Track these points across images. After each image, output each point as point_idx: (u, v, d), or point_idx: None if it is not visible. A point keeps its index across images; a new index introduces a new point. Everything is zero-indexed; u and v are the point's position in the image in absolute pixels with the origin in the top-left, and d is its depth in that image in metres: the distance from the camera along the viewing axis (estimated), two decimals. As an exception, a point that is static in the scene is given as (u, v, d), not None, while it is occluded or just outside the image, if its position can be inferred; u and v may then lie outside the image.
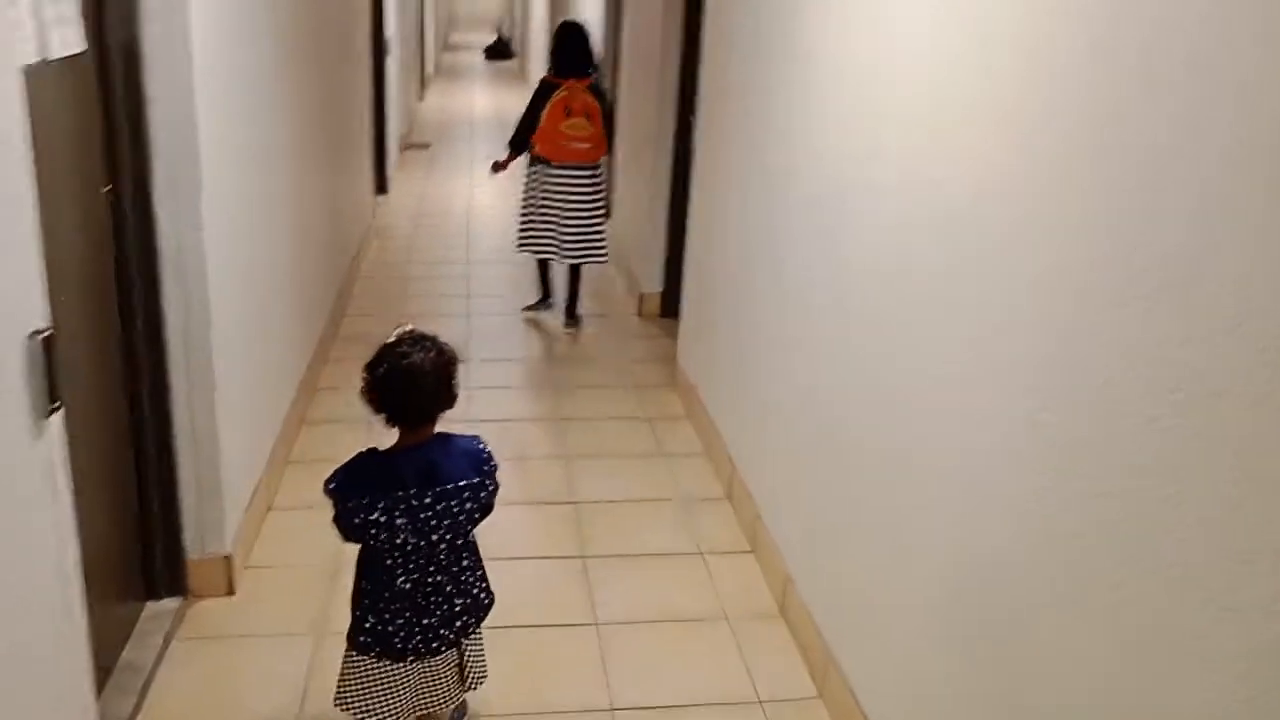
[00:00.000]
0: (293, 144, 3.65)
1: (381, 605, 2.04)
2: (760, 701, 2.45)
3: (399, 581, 2.03)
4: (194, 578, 2.66)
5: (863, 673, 2.28)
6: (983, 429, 1.76)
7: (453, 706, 2.26)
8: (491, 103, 13.43)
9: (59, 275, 2.11)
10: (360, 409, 2.10)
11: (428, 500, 1.98)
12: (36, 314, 1.46)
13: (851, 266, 2.37)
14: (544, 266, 5.18)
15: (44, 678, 1.52)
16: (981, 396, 1.76)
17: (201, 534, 2.63)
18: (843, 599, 2.41)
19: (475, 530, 2.14)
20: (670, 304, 5.16)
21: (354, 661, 2.08)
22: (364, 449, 2.08)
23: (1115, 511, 1.40)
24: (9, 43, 1.43)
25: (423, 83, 13.66)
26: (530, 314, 5.18)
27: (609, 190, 5.59)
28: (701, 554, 3.04)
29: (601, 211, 4.97)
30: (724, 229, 3.56)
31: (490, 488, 2.09)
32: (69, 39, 2.09)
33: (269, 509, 3.14)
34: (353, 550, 2.09)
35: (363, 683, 2.08)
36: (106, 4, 2.23)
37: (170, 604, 2.62)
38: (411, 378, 2.01)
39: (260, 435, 3.12)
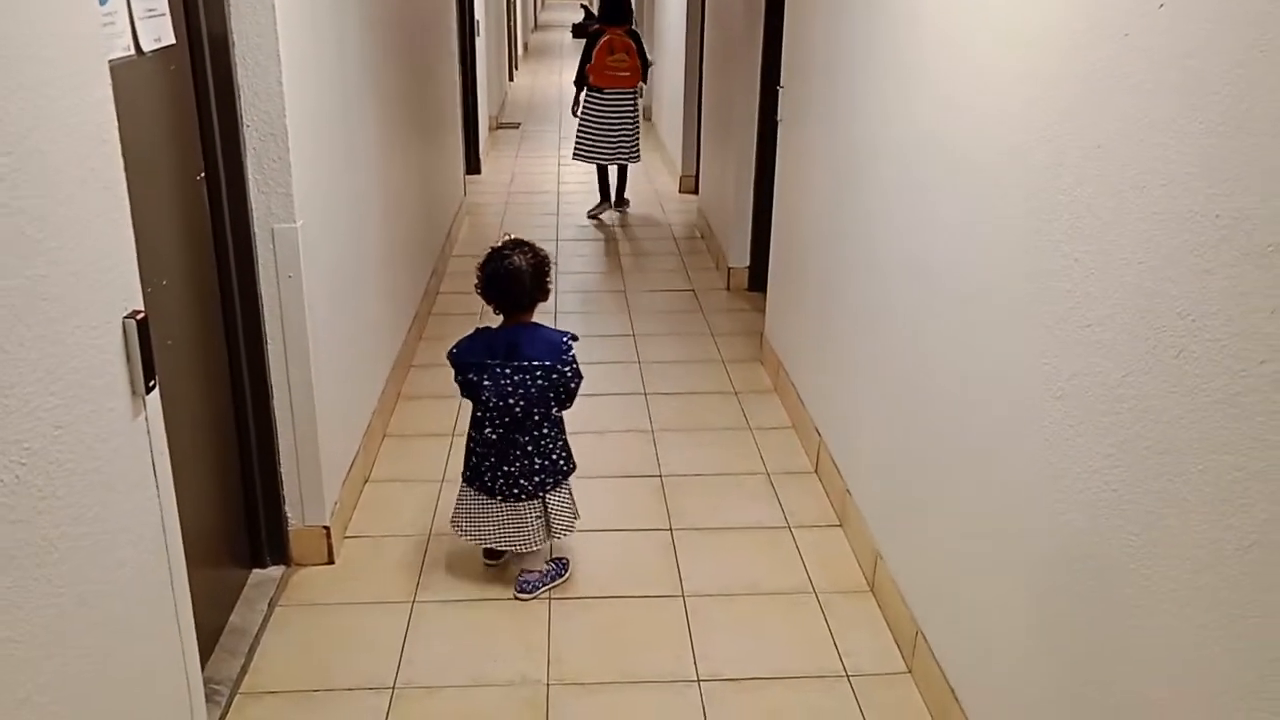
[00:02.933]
0: (383, 126, 3.72)
1: (478, 450, 2.65)
2: (848, 675, 2.43)
3: (486, 431, 2.62)
4: (296, 547, 2.77)
5: (952, 649, 2.23)
6: (1068, 404, 1.69)
7: (539, 546, 2.69)
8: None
9: (158, 260, 2.21)
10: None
11: (507, 371, 2.54)
12: (131, 296, 1.53)
13: (937, 242, 2.31)
14: (603, 173, 6.72)
15: (151, 643, 1.61)
16: (1066, 368, 1.69)
17: (302, 505, 2.74)
18: (932, 575, 2.36)
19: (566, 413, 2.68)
20: (757, 278, 5.12)
21: (462, 490, 2.71)
22: (481, 326, 2.68)
23: (1196, 490, 1.33)
24: (100, 37, 1.49)
25: (512, 62, 13.77)
26: (594, 218, 6.66)
27: (641, 110, 6.92)
28: (789, 527, 3.02)
29: (636, 124, 6.62)
30: (809, 205, 3.50)
31: (564, 372, 2.55)
32: (161, 32, 2.18)
33: (366, 480, 3.24)
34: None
35: (465, 508, 2.69)
36: (197, -4, 2.31)
37: (274, 571, 2.73)
38: (510, 275, 2.57)
39: (357, 410, 3.22)
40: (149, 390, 1.56)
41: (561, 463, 2.67)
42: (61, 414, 1.29)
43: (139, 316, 1.51)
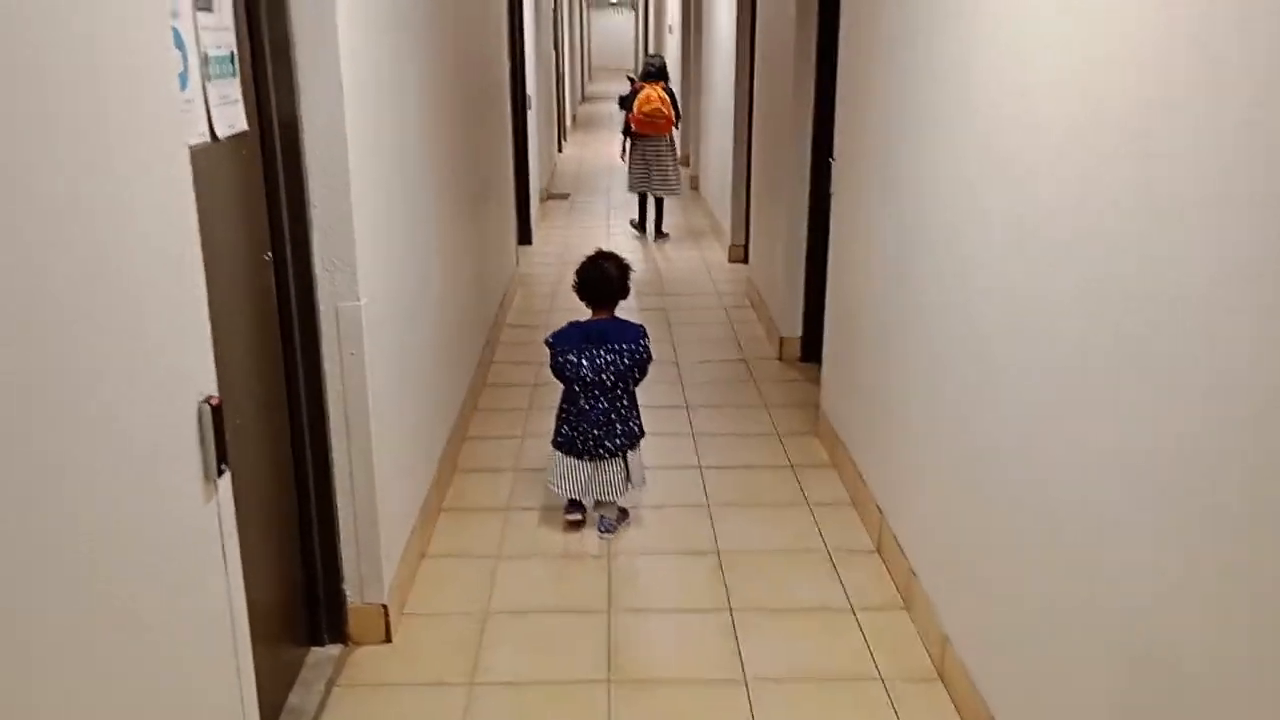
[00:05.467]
0: (442, 201, 3.79)
1: (570, 419, 3.32)
2: (919, 767, 2.33)
3: (580, 403, 3.29)
4: (354, 625, 2.74)
5: (1031, 741, 2.14)
6: (1137, 484, 1.63)
7: (621, 496, 3.39)
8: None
9: (225, 337, 2.24)
10: (508, 458, 3.54)
11: (600, 351, 3.27)
12: (207, 381, 1.55)
13: (997, 319, 2.27)
14: (642, 200, 8.43)
15: (214, 729, 1.59)
16: (1137, 446, 1.64)
17: (360, 582, 2.72)
18: (1005, 660, 2.27)
19: (638, 392, 3.41)
20: (810, 348, 5.09)
21: (555, 456, 3.37)
22: (573, 320, 3.42)
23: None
24: (180, 125, 1.52)
25: (561, 134, 14.05)
26: (635, 231, 8.54)
27: (676, 151, 8.50)
28: (853, 609, 2.94)
29: (673, 163, 8.24)
30: (865, 278, 3.48)
31: (640, 352, 3.30)
32: (234, 119, 2.24)
33: (423, 556, 3.22)
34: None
35: (559, 469, 3.34)
36: (268, 86, 2.37)
37: (332, 650, 2.71)
38: (603, 277, 3.39)
39: (414, 485, 3.22)
40: (220, 474, 1.56)
41: (637, 429, 3.37)
42: (134, 498, 1.29)
43: (214, 402, 1.52)
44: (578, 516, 3.40)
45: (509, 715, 2.52)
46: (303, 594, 2.67)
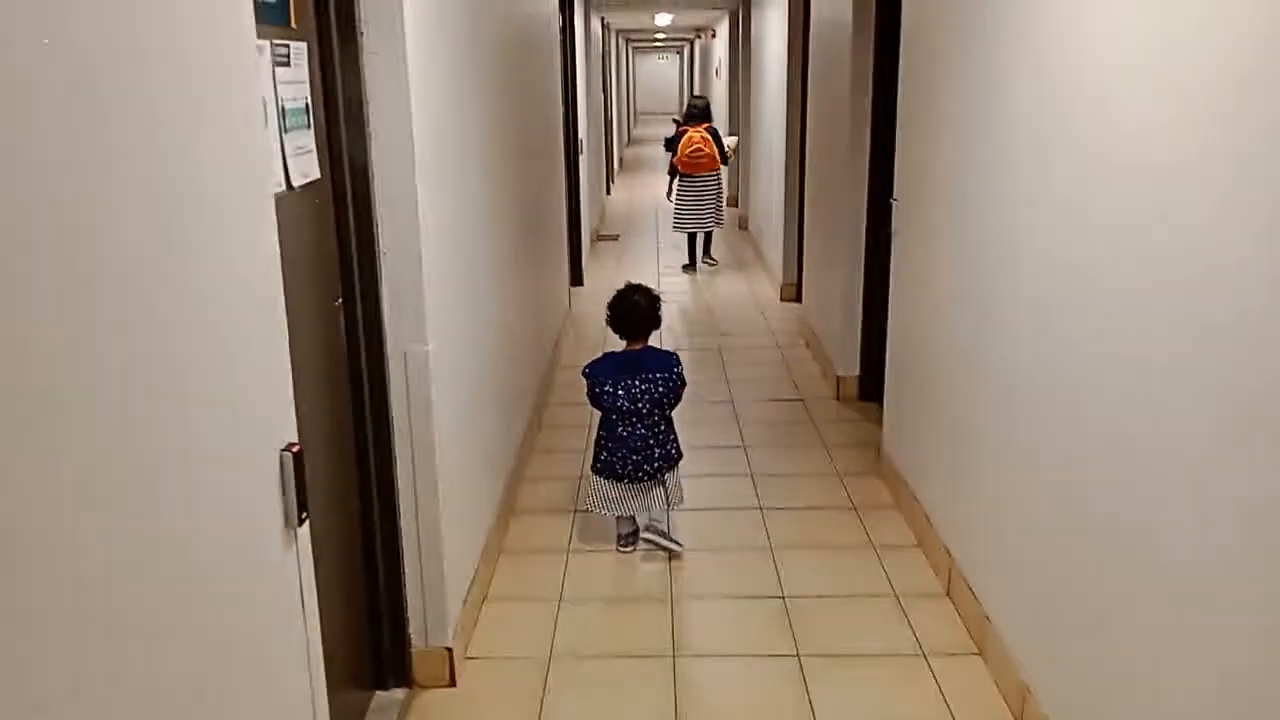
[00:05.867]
0: (503, 247, 3.83)
1: (609, 446, 3.42)
2: (1001, 823, 2.25)
3: (619, 431, 3.41)
4: (419, 669, 2.73)
5: (1121, 797, 2.05)
6: (1239, 523, 1.57)
7: (660, 516, 3.48)
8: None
9: (300, 384, 2.27)
10: (566, 500, 3.76)
11: (636, 381, 3.37)
12: (288, 428, 1.56)
13: (1074, 361, 2.22)
14: (691, 240, 8.67)
15: (292, 778, 1.58)
16: (1234, 488, 1.58)
17: (426, 626, 2.72)
18: (1093, 715, 2.19)
19: (674, 416, 3.55)
20: (869, 387, 5.03)
21: (594, 481, 3.48)
22: (607, 351, 3.58)
23: None
24: (264, 175, 1.55)
25: (610, 177, 14.18)
26: (686, 272, 8.61)
27: (723, 187, 8.77)
28: (924, 655, 2.87)
29: (719, 198, 8.53)
30: (932, 319, 3.44)
31: (674, 379, 3.41)
32: (308, 168, 2.28)
33: (485, 599, 3.21)
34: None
35: (600, 493, 3.46)
36: (340, 136, 2.42)
37: (397, 694, 2.70)
38: (633, 309, 3.47)
39: (476, 528, 3.22)
40: (301, 523, 1.56)
41: (674, 451, 3.47)
42: (216, 546, 1.30)
43: (295, 449, 1.53)
44: (628, 549, 3.53)
45: (576, 763, 2.49)
46: (368, 637, 2.67)
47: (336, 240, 2.48)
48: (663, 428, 3.43)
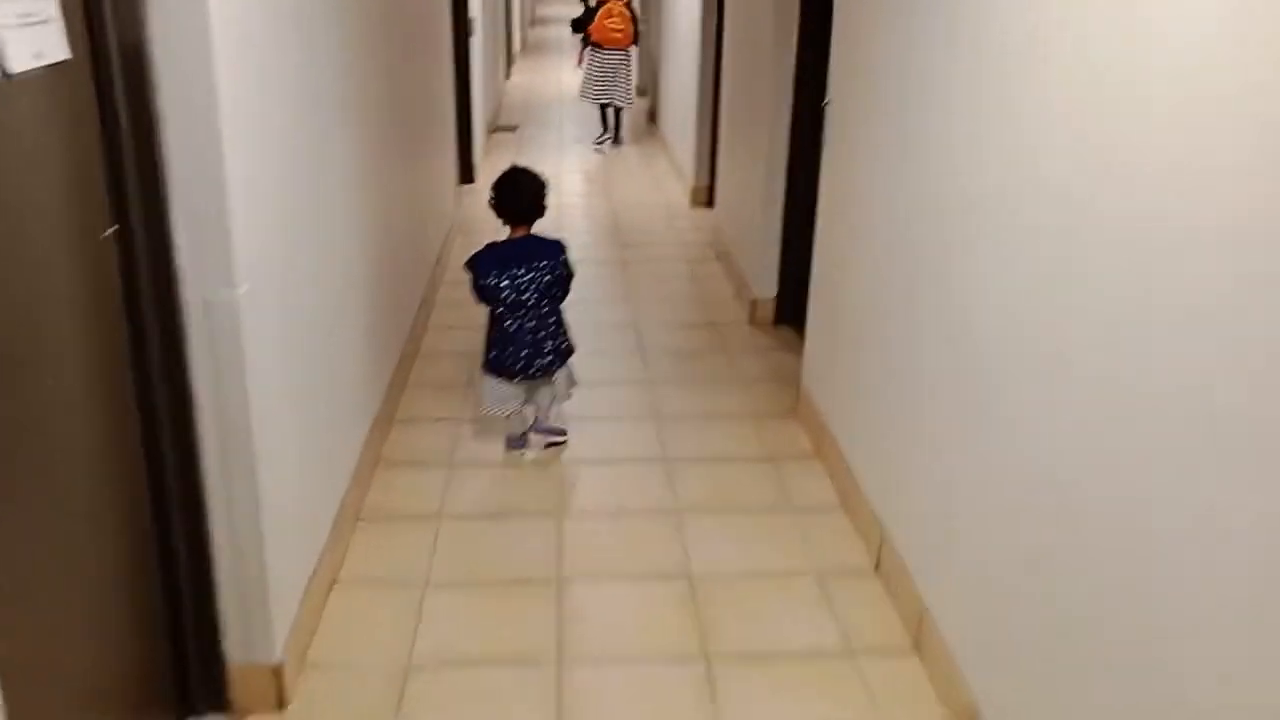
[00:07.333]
0: (365, 144, 3.16)
1: (499, 341, 3.26)
2: None
3: (507, 325, 3.23)
4: (238, 689, 2.20)
5: None
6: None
7: (552, 406, 3.43)
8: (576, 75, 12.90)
9: (50, 343, 1.65)
10: (441, 448, 3.44)
11: (522, 271, 3.19)
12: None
13: (1076, 292, 1.75)
14: (603, 110, 8.77)
15: None
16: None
17: (245, 639, 2.17)
18: (1060, 757, 1.81)
19: (573, 339, 3.39)
20: (787, 310, 4.57)
21: (485, 380, 3.33)
22: (490, 241, 3.28)
23: None
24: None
25: (509, 61, 13.19)
26: (598, 147, 8.75)
27: (634, 63, 8.88)
28: (853, 654, 2.46)
29: (630, 75, 8.63)
30: (867, 241, 2.94)
31: (561, 268, 3.26)
32: (43, 45, 1.61)
33: (333, 584, 2.67)
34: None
35: (494, 392, 3.31)
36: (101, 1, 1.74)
37: (210, 721, 2.17)
38: (519, 190, 3.26)
39: (323, 498, 2.65)
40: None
41: (564, 345, 3.33)
42: None
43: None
44: (520, 449, 3.43)
45: (434, 811, 2.02)
46: (170, 654, 2.12)
47: (103, 148, 1.82)
48: (553, 320, 3.29)
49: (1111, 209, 1.64)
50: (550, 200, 3.34)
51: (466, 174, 7.09)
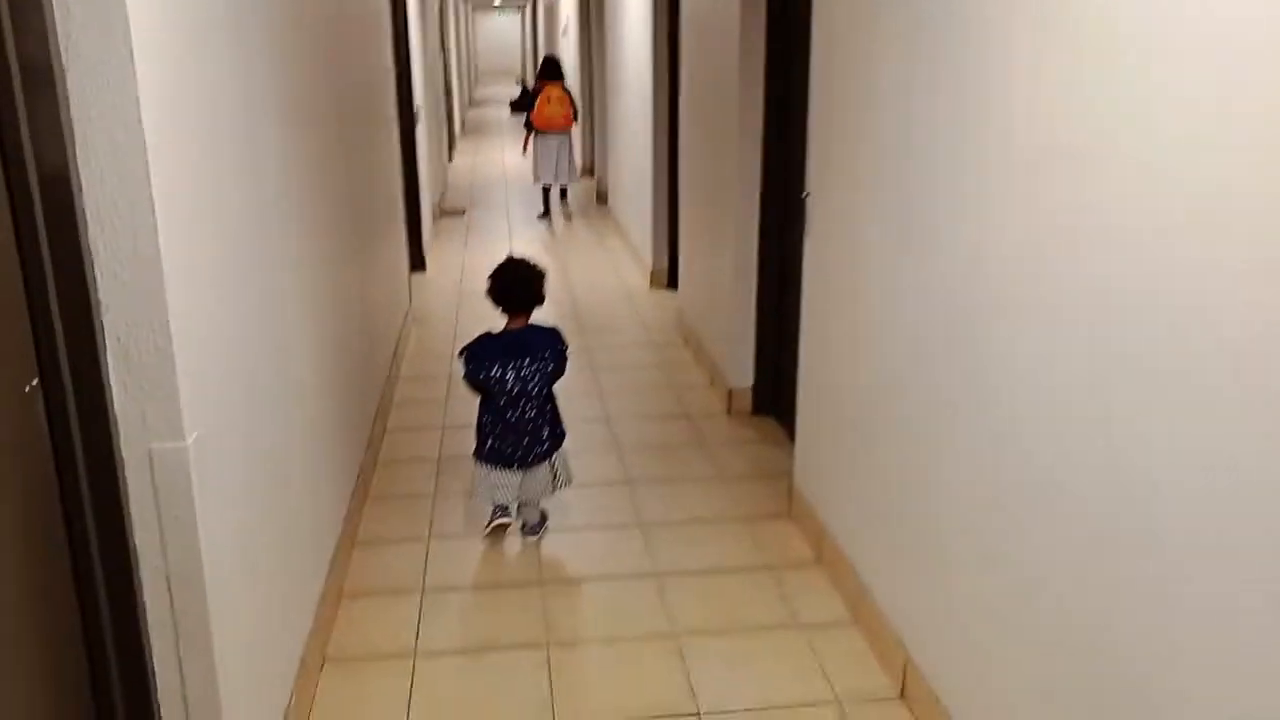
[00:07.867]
0: (314, 254, 2.92)
1: (499, 431, 3.20)
2: None
3: (508, 416, 3.18)
4: None
5: None
6: None
7: (548, 496, 3.34)
8: (522, 159, 12.85)
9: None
10: (410, 572, 3.15)
11: (526, 361, 3.15)
12: None
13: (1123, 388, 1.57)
14: (546, 193, 9.16)
15: None
16: None
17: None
18: None
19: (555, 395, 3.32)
20: (765, 400, 4.38)
21: (480, 469, 3.27)
22: (483, 332, 3.24)
23: None
24: None
25: (451, 144, 13.11)
26: (542, 222, 9.05)
27: (574, 144, 9.39)
28: (890, 805, 2.21)
29: (572, 155, 9.18)
30: (868, 340, 2.76)
31: (559, 358, 3.23)
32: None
33: (299, 748, 2.36)
34: None
35: (488, 482, 3.26)
36: (17, 124, 1.51)
37: None
38: (520, 280, 3.25)
39: (283, 648, 2.36)
40: None
41: (559, 431, 3.32)
42: None
43: None
44: (507, 520, 3.33)
45: None
46: None
47: (23, 287, 1.57)
48: (549, 407, 3.28)
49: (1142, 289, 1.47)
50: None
51: (418, 262, 6.87)
